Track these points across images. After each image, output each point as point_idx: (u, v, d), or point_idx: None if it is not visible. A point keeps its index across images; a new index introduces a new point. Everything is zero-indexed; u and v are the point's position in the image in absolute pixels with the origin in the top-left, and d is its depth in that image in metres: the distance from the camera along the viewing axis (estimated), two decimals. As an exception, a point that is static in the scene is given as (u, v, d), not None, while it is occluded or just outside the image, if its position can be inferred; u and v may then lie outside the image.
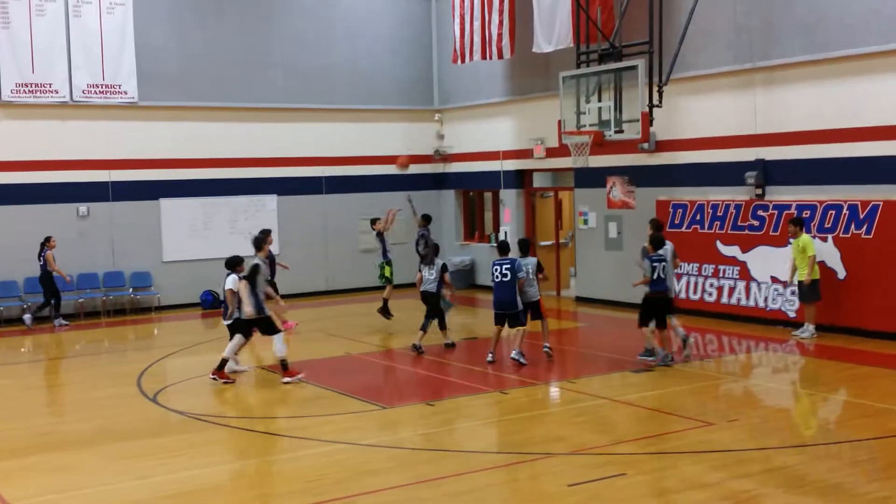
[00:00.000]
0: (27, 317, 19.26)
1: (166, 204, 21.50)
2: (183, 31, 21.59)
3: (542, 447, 10.07)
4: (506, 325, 14.13)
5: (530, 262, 14.19)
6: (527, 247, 14.59)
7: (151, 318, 20.63)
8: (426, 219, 18.49)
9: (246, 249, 22.27)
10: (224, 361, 13.57)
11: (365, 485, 8.81)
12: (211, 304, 21.45)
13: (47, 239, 19.31)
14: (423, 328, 15.34)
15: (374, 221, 18.89)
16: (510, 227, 22.59)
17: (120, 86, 20.85)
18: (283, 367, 13.45)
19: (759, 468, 9.02)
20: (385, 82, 24.10)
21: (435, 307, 15.44)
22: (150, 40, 21.13)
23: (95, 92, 20.60)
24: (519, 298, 13.94)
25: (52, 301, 19.38)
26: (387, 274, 18.22)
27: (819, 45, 15.74)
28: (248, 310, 13.28)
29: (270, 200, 22.68)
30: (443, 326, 15.64)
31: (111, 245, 20.82)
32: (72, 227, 20.43)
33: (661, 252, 13.80)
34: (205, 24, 21.82)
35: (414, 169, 24.53)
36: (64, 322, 19.44)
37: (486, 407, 12.01)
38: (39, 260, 19.23)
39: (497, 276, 13.98)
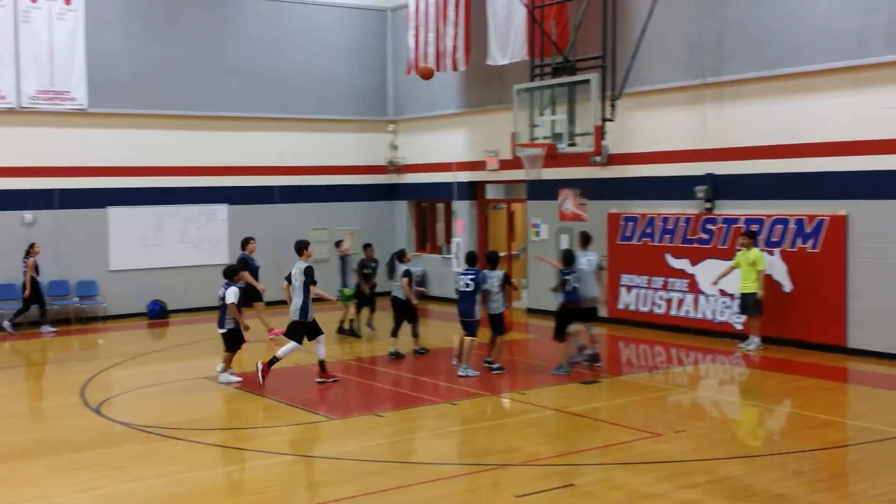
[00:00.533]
0: (6, 322, 19.16)
1: (114, 212, 21.18)
2: (135, 37, 21.34)
3: (491, 458, 10.06)
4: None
5: (496, 274, 14.33)
6: (495, 260, 14.74)
7: (97, 327, 20.30)
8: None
9: (195, 259, 22.24)
10: (275, 360, 13.70)
11: (311, 497, 8.74)
12: (158, 314, 21.18)
13: (31, 245, 19.34)
14: (394, 333, 15.69)
15: (338, 243, 18.44)
16: (463, 239, 22.61)
17: (69, 92, 20.53)
18: (322, 368, 13.82)
19: (705, 479, 9.08)
20: (339, 92, 24.03)
21: (402, 313, 15.69)
22: (102, 47, 20.85)
23: (44, 98, 20.27)
24: (478, 309, 14.14)
25: (39, 308, 19.45)
26: (346, 293, 17.90)
27: (768, 63, 15.99)
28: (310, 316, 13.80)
29: (221, 210, 22.46)
30: (415, 333, 15.86)
31: (56, 254, 20.44)
32: (16, 234, 20.03)
33: (574, 266, 14.27)
34: (157, 30, 21.58)
35: (366, 180, 24.50)
36: (51, 329, 19.45)
37: (435, 418, 11.97)
38: (22, 266, 19.18)
39: (462, 286, 14.19)
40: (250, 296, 16.82)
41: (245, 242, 17.55)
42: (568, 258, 14.42)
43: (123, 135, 21.25)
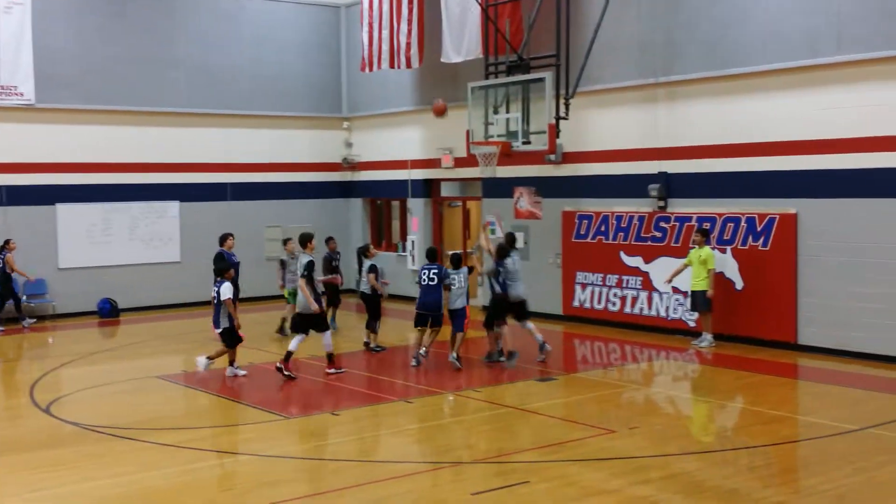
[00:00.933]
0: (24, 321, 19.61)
1: (63, 209, 20.84)
2: (83, 32, 21.00)
3: (447, 456, 10.05)
4: (428, 326, 14.60)
5: (463, 271, 14.72)
6: (458, 261, 14.91)
7: (46, 326, 19.95)
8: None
9: (146, 256, 21.93)
10: (289, 354, 13.80)
11: (266, 496, 8.65)
12: (109, 312, 20.88)
13: (6, 241, 19.31)
14: (369, 327, 15.98)
15: (286, 242, 18.04)
16: (418, 237, 22.58)
17: (16, 87, 20.15)
18: (329, 359, 14.07)
19: (659, 474, 9.16)
20: (293, 88, 23.86)
21: (370, 308, 15.95)
22: (49, 41, 20.49)
23: (-10, 93, 19.90)
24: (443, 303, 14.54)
25: (15, 303, 19.56)
26: (288, 293, 17.49)
27: (719, 63, 16.16)
28: (314, 306, 13.75)
29: (173, 207, 22.19)
30: (374, 329, 16.00)
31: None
32: (-38, 232, 19.65)
33: (506, 261, 14.65)
34: (106, 25, 21.26)
35: (321, 177, 24.37)
36: (31, 321, 19.73)
37: (391, 416, 11.94)
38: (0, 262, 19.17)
39: (425, 280, 14.55)
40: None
41: (223, 238, 17.16)
42: (502, 251, 14.79)
43: (72, 130, 20.92)
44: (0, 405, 12.79)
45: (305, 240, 14.44)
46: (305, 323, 14.03)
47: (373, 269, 15.92)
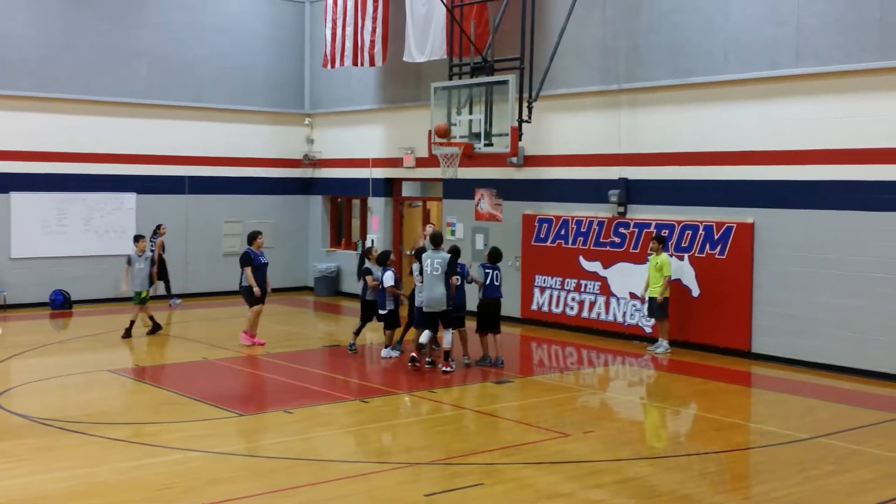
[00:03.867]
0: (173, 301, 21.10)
1: (17, 198, 20.47)
2: (43, 18, 20.65)
3: (401, 457, 10.00)
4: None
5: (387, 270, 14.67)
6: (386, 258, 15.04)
7: (-3, 316, 19.61)
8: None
9: (100, 248, 21.57)
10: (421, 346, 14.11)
11: (215, 493, 8.53)
12: (61, 304, 20.55)
13: (158, 226, 20.77)
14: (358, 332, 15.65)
15: (137, 239, 17.32)
16: (378, 235, 22.49)
17: (-28, 72, 19.79)
18: (446, 357, 14.05)
19: (612, 479, 9.18)
20: (255, 83, 23.66)
21: (368, 313, 15.39)
22: (7, 27, 20.14)
23: (-56, 77, 19.51)
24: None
25: (164, 283, 20.85)
26: (143, 295, 16.95)
27: (681, 71, 16.27)
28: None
29: (129, 198, 21.87)
30: (358, 331, 15.57)
31: (-45, 239, 19.69)
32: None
33: (497, 264, 14.85)
34: (66, 11, 20.92)
35: (281, 173, 24.19)
36: (179, 301, 21.22)
37: (346, 415, 11.86)
38: (150, 245, 19.38)
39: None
40: (253, 296, 16.01)
41: (252, 237, 16.41)
42: (494, 255, 14.89)
43: (29, 118, 20.56)
44: (-55, 396, 12.50)
45: (441, 238, 14.44)
46: (433, 319, 14.04)
47: (368, 272, 15.17)
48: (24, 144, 20.52)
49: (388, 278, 14.74)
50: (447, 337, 14.05)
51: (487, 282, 14.62)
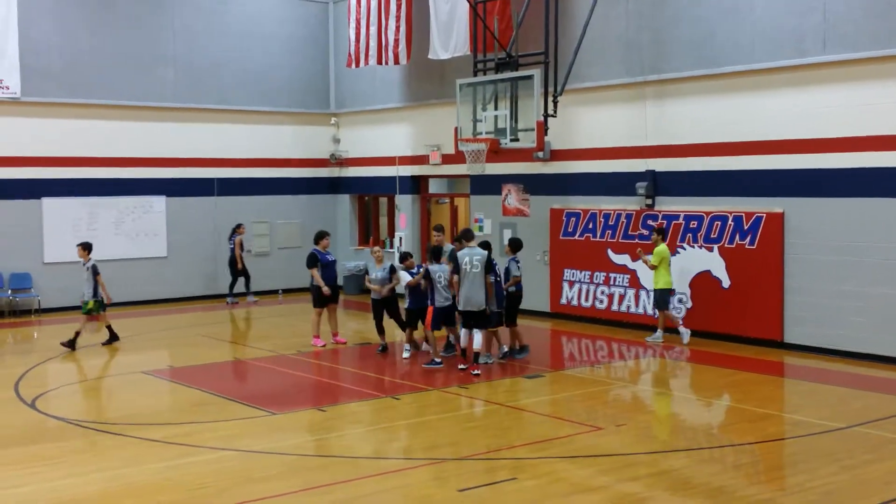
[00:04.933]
0: (229, 299, 21.85)
1: (48, 203, 20.72)
2: (70, 24, 20.87)
3: (434, 453, 10.03)
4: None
5: (443, 268, 14.19)
6: (439, 253, 14.66)
7: (31, 320, 19.83)
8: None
9: (131, 251, 21.78)
10: (464, 351, 13.97)
11: (251, 492, 8.61)
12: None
13: (238, 225, 21.80)
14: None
15: (85, 247, 16.65)
16: (406, 233, 22.55)
17: (2, 80, 20.01)
18: (476, 359, 13.82)
19: (646, 472, 9.16)
20: (280, 84, 23.79)
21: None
22: (35, 34, 20.37)
23: (-25, 86, 19.76)
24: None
25: (244, 280, 21.98)
26: (90, 306, 16.43)
27: (707, 61, 16.18)
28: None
29: (158, 202, 22.08)
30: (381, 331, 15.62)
31: (-11, 245, 19.95)
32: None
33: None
34: (93, 18, 21.14)
35: (309, 172, 24.31)
36: (255, 298, 21.97)
37: (378, 412, 11.91)
38: (230, 244, 21.74)
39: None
40: (322, 296, 15.90)
41: (318, 237, 16.29)
42: (515, 245, 14.94)
43: (58, 124, 20.79)
44: (-16, 400, 12.69)
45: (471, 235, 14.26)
46: (471, 318, 13.76)
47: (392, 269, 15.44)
48: (53, 150, 20.75)
49: (405, 277, 14.83)
50: (477, 337, 13.81)
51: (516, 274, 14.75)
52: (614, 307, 17.74)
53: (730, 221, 15.89)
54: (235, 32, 23.00)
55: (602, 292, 17.96)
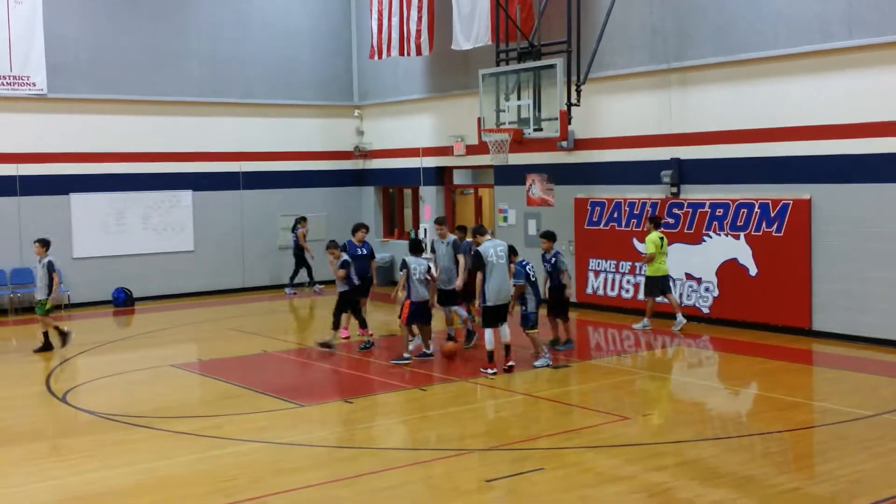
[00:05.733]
0: (288, 290, 22.22)
1: (77, 199, 20.92)
2: (94, 21, 21.03)
3: (460, 443, 10.07)
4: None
5: (421, 262, 14.02)
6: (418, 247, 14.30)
7: (61, 316, 20.01)
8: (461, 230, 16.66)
9: (159, 245, 21.96)
10: (491, 354, 13.30)
11: (280, 484, 8.68)
12: (124, 301, 20.96)
13: (302, 218, 22.25)
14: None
15: (42, 244, 15.72)
16: (430, 225, 22.57)
17: (28, 77, 20.21)
18: (507, 352, 13.39)
19: (673, 461, 9.16)
20: (304, 77, 23.86)
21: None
22: (61, 30, 20.54)
23: (3, 83, 19.93)
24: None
25: (307, 271, 22.33)
26: (48, 306, 15.69)
27: (731, 48, 16.07)
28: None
29: (185, 196, 22.23)
30: (362, 324, 15.67)
31: (19, 241, 20.13)
32: (-23, 222, 19.74)
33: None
34: (117, 13, 21.28)
35: (334, 165, 24.40)
36: (321, 286, 22.23)
37: (404, 404, 11.96)
38: (292, 235, 22.20)
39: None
40: (358, 288, 15.58)
41: (355, 229, 16.24)
42: (549, 236, 14.66)
43: (84, 120, 20.97)
44: (15, 394, 12.86)
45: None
46: (496, 315, 13.34)
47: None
48: (81, 146, 20.94)
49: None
50: (504, 330, 13.45)
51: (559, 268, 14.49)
52: (640, 296, 17.68)
53: (756, 209, 15.80)
54: (259, 26, 23.09)
55: (628, 281, 17.91)
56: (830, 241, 14.92)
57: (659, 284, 16.20)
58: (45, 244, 15.69)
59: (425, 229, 22.40)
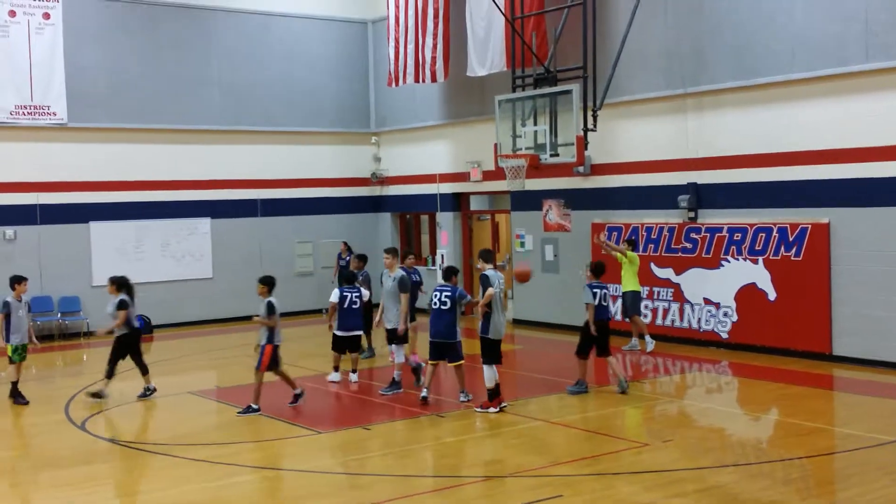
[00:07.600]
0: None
1: (96, 227, 21.07)
2: (114, 50, 21.27)
3: (479, 470, 10.03)
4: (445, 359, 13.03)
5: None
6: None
7: (80, 343, 20.15)
8: (362, 259, 16.75)
9: (178, 273, 22.07)
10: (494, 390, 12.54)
11: (299, 511, 8.67)
12: (142, 328, 20.95)
13: (348, 250, 21.35)
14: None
15: (16, 281, 14.04)
16: (447, 250, 22.59)
17: (49, 107, 20.44)
18: (490, 396, 12.53)
19: (694, 487, 9.08)
20: (322, 104, 24.01)
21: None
22: (81, 60, 20.77)
23: (23, 113, 20.17)
24: (457, 330, 12.86)
25: None
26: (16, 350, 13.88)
27: (747, 72, 16.07)
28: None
29: (204, 223, 22.37)
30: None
31: (39, 269, 20.28)
32: (-2, 251, 19.91)
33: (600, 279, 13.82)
34: (137, 43, 21.52)
35: (351, 192, 24.50)
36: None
37: (423, 430, 11.92)
38: (341, 262, 21.30)
39: (434, 304, 12.98)
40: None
41: (394, 253, 15.05)
42: (598, 269, 13.91)
43: (104, 149, 21.16)
44: (35, 422, 12.90)
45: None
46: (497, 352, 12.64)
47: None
48: (100, 175, 21.12)
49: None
50: (490, 372, 12.49)
51: (597, 302, 13.49)
52: (658, 321, 17.61)
53: (774, 233, 15.74)
54: (277, 54, 23.28)
55: (646, 306, 17.84)
56: (850, 264, 14.83)
57: (638, 301, 16.71)
58: (19, 282, 14.05)
59: (442, 255, 22.41)
